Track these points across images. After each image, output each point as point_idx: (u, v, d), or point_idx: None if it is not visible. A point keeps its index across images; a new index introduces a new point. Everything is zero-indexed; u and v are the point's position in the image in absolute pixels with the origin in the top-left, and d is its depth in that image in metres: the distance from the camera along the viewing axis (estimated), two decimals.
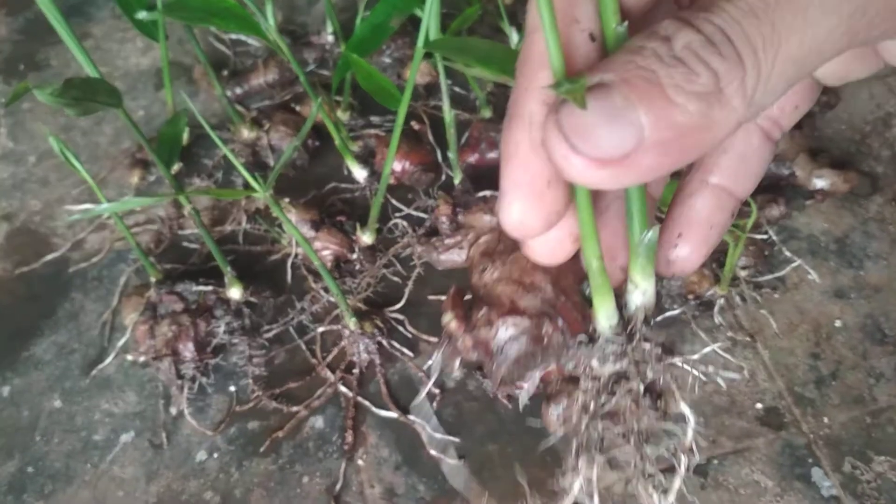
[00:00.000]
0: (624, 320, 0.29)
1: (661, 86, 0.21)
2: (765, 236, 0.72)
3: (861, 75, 0.30)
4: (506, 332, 0.30)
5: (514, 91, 0.26)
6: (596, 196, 0.28)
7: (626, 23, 0.24)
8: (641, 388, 0.29)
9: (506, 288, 0.31)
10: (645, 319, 0.29)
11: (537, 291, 0.31)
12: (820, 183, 0.74)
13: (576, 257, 0.29)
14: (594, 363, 0.29)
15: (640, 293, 0.29)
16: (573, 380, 0.31)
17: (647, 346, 0.29)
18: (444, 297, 0.72)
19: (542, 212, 0.25)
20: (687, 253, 0.30)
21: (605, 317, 0.29)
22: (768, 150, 0.31)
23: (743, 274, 0.70)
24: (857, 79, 0.30)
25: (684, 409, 0.30)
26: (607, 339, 0.29)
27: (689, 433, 0.30)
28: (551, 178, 0.25)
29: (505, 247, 0.32)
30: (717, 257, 0.69)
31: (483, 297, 0.31)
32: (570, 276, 0.31)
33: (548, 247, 0.28)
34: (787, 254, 0.72)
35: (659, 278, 0.30)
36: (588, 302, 0.30)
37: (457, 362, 0.32)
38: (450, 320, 0.31)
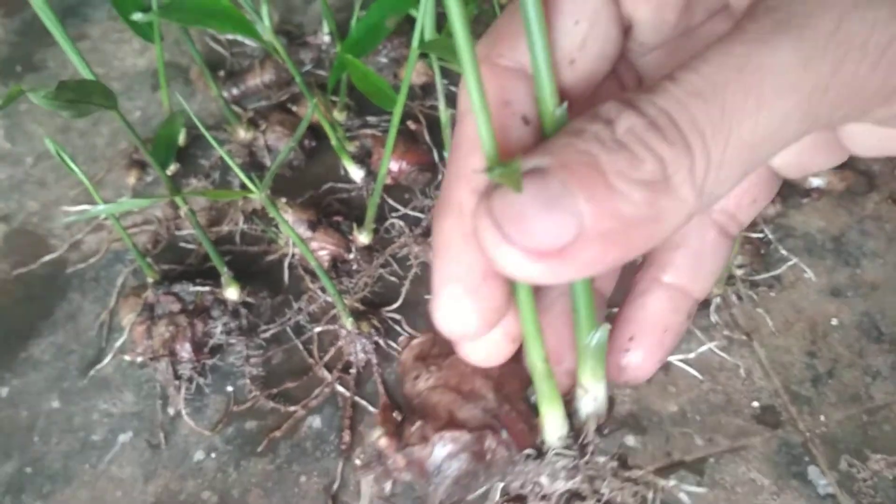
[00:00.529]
0: (575, 430, 0.27)
1: (603, 172, 0.19)
2: (761, 235, 0.72)
3: (824, 166, 0.28)
4: (443, 449, 0.26)
5: (444, 179, 0.24)
6: (538, 292, 0.26)
7: (564, 104, 0.22)
8: None
9: (442, 397, 0.27)
10: (598, 429, 0.27)
11: (478, 400, 0.27)
12: (816, 181, 0.75)
13: (520, 360, 0.26)
14: (543, 480, 0.27)
15: (591, 399, 0.27)
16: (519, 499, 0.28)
17: (601, 459, 0.27)
18: None
19: (478, 309, 0.23)
20: (640, 359, 0.28)
21: (553, 427, 0.27)
22: (725, 247, 0.29)
23: (739, 273, 0.70)
24: (819, 170, 0.29)
25: None
26: (557, 453, 0.27)
27: None
28: (487, 271, 0.22)
29: (441, 350, 0.28)
30: None
31: (417, 407, 0.28)
32: (515, 381, 0.28)
33: (484, 348, 0.25)
34: (784, 252, 0.72)
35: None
36: (535, 410, 0.27)
37: (388, 485, 0.28)
38: (379, 437, 0.28)
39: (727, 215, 0.29)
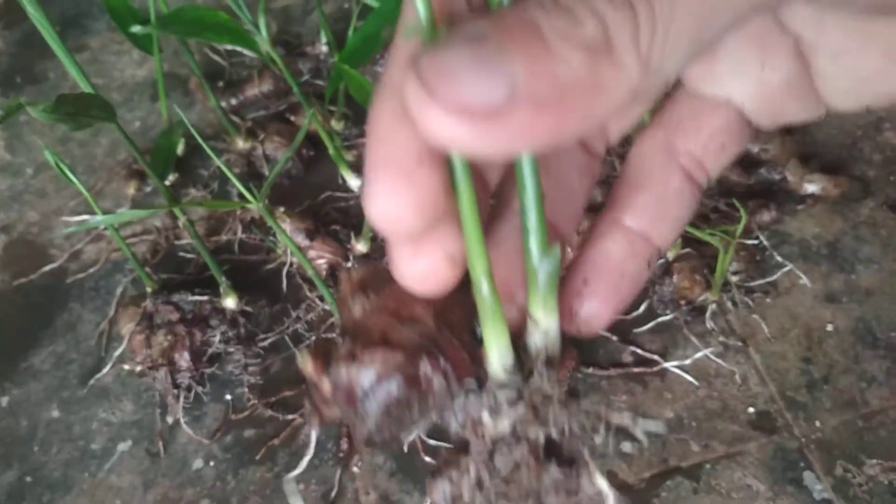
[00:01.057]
0: (521, 363, 0.24)
1: (541, 33, 0.18)
2: (756, 241, 0.73)
3: (798, 116, 0.27)
4: (372, 369, 0.23)
5: (384, 66, 0.23)
6: (489, 227, 0.25)
7: None
8: (542, 437, 0.24)
9: (378, 320, 0.25)
10: (547, 361, 0.24)
11: (416, 324, 0.24)
12: (811, 188, 0.75)
13: (466, 293, 0.24)
14: (485, 416, 0.24)
15: (542, 333, 0.24)
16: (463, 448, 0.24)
17: (547, 388, 0.24)
18: None
19: (412, 196, 0.21)
20: (594, 304, 0.26)
21: (497, 355, 0.24)
22: (690, 195, 0.28)
23: (734, 279, 0.71)
24: (794, 121, 0.27)
25: (600, 482, 0.24)
26: (500, 384, 0.24)
27: None
28: (422, 154, 0.21)
29: (381, 281, 0.25)
30: (709, 263, 0.70)
31: (351, 335, 0.25)
32: (459, 311, 0.25)
33: (423, 265, 0.23)
34: (779, 258, 0.73)
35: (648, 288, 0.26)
36: (479, 343, 0.24)
37: (315, 421, 0.26)
38: (305, 362, 0.25)
39: (693, 160, 0.28)
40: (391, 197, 0.21)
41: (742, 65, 0.26)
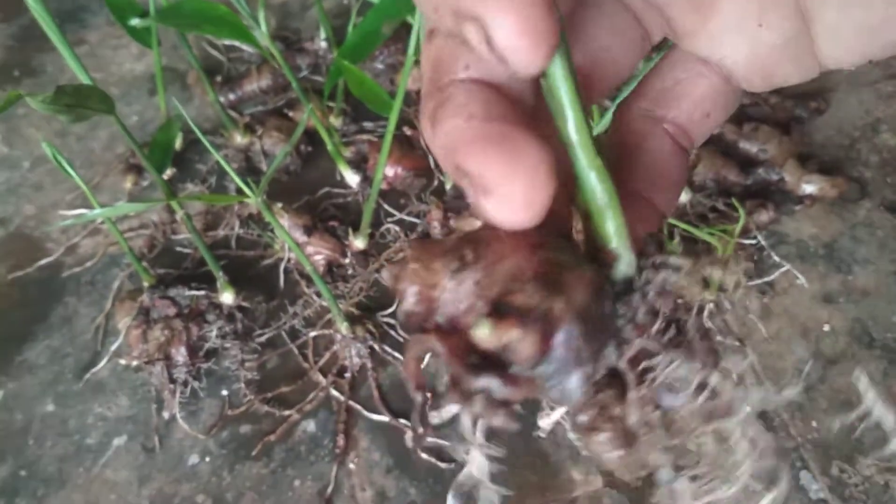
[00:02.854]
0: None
1: None
2: (754, 241, 0.73)
3: (791, 78, 0.26)
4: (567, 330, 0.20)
5: None
6: None
7: None
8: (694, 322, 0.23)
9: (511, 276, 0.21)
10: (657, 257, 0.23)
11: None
12: (809, 188, 0.75)
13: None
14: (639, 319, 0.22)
15: (626, 264, 0.23)
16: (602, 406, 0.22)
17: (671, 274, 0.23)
18: None
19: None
20: None
21: (626, 261, 0.23)
22: (681, 159, 0.27)
23: (732, 279, 0.71)
24: (787, 83, 0.26)
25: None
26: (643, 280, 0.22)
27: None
28: None
29: (446, 248, 0.22)
30: (708, 262, 0.70)
31: (497, 304, 0.21)
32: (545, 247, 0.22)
33: (518, 187, 0.19)
34: (776, 259, 0.73)
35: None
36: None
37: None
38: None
39: (678, 128, 0.27)
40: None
41: (739, 22, 0.25)
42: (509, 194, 0.19)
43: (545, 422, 0.62)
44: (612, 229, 0.23)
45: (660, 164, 0.27)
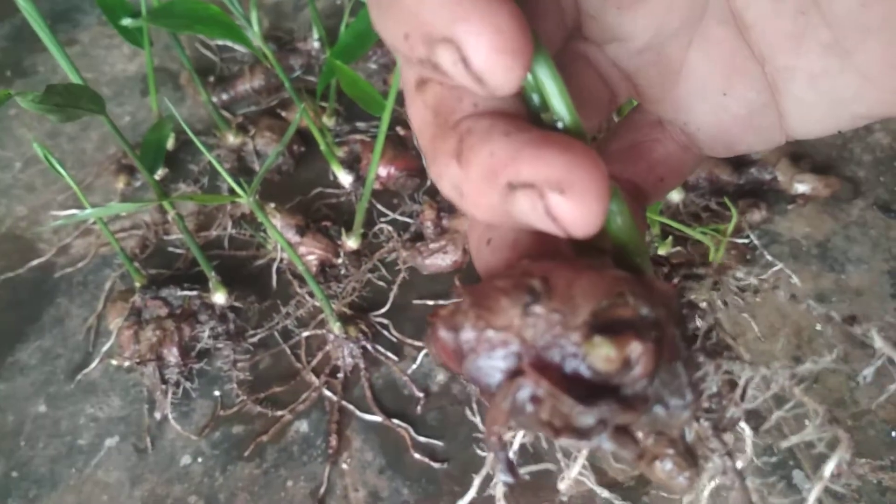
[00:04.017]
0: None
1: None
2: (746, 240, 0.73)
3: (755, 147, 0.26)
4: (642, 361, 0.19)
5: None
6: None
7: None
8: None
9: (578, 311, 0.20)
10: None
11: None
12: (801, 187, 0.75)
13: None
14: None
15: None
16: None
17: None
18: (429, 302, 0.72)
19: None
20: None
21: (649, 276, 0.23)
22: (637, 215, 0.27)
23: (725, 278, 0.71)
24: (750, 151, 0.26)
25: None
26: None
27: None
28: None
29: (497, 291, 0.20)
30: (700, 261, 0.70)
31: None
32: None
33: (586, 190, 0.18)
34: (769, 258, 0.73)
35: None
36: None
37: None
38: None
39: (633, 186, 0.27)
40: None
41: (704, 90, 0.25)
42: (583, 186, 0.18)
43: (564, 484, 0.61)
44: (633, 247, 0.23)
45: None
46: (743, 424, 0.24)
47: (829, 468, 0.23)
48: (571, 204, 0.18)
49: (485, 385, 0.20)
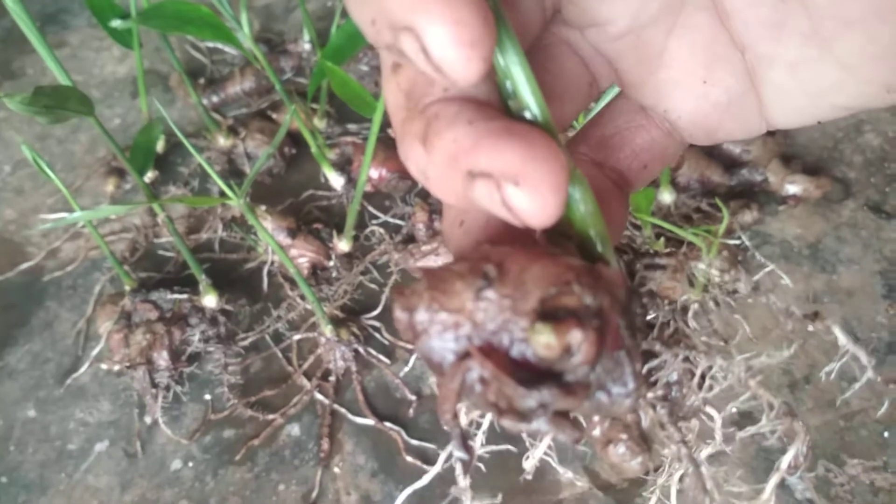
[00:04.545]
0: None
1: None
2: (738, 241, 0.73)
3: (735, 135, 0.26)
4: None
5: None
6: None
7: None
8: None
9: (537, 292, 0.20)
10: None
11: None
12: (793, 188, 0.75)
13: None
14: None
15: (613, 268, 0.23)
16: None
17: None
18: None
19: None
20: None
21: (613, 265, 0.23)
22: (621, 201, 0.27)
23: (716, 279, 0.71)
24: (730, 139, 0.26)
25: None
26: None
27: None
28: None
29: (456, 274, 0.21)
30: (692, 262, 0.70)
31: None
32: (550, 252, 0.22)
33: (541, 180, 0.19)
34: (761, 259, 0.73)
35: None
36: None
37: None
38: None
39: (617, 174, 0.27)
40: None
41: (684, 77, 0.25)
42: (537, 178, 0.18)
43: (529, 463, 0.61)
44: (596, 235, 0.23)
45: (600, 203, 0.26)
46: (713, 413, 0.24)
47: (786, 460, 0.24)
48: (526, 195, 0.18)
49: (436, 365, 0.21)
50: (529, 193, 0.18)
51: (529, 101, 0.21)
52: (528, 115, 0.21)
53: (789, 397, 0.66)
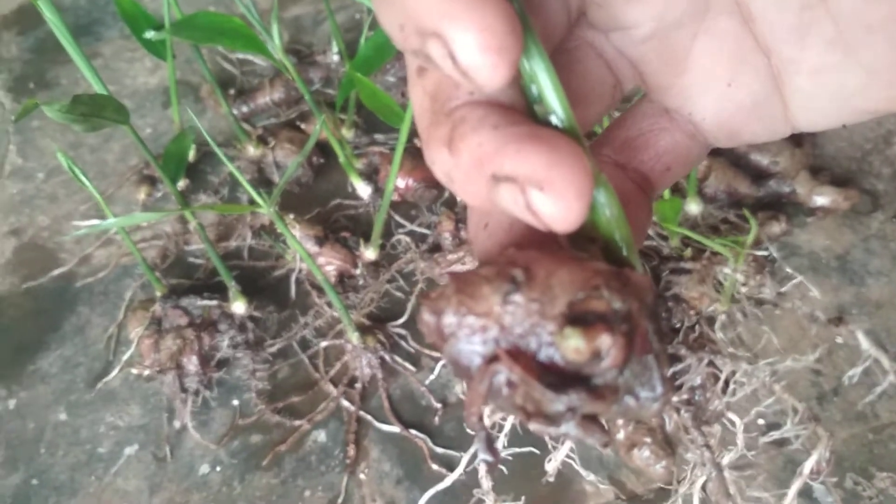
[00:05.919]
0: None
1: None
2: (766, 253, 0.73)
3: (760, 137, 0.26)
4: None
5: None
6: None
7: None
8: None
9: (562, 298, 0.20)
10: None
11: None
12: (821, 200, 0.75)
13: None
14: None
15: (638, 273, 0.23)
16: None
17: None
18: None
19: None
20: None
21: (638, 270, 0.23)
22: (644, 204, 0.27)
23: (744, 290, 0.70)
24: (755, 141, 0.27)
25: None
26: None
27: None
28: None
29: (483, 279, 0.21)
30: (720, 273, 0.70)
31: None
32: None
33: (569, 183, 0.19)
34: (789, 270, 0.72)
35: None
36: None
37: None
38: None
39: (640, 175, 0.27)
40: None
41: (709, 80, 0.26)
42: (562, 184, 0.18)
43: (552, 465, 0.61)
44: (620, 239, 0.23)
45: (623, 206, 0.26)
46: (734, 418, 0.24)
47: (808, 465, 0.24)
48: (551, 200, 0.19)
49: (464, 368, 0.21)
50: (554, 199, 0.18)
51: (555, 105, 0.21)
52: (553, 119, 0.21)
53: (817, 409, 0.65)
